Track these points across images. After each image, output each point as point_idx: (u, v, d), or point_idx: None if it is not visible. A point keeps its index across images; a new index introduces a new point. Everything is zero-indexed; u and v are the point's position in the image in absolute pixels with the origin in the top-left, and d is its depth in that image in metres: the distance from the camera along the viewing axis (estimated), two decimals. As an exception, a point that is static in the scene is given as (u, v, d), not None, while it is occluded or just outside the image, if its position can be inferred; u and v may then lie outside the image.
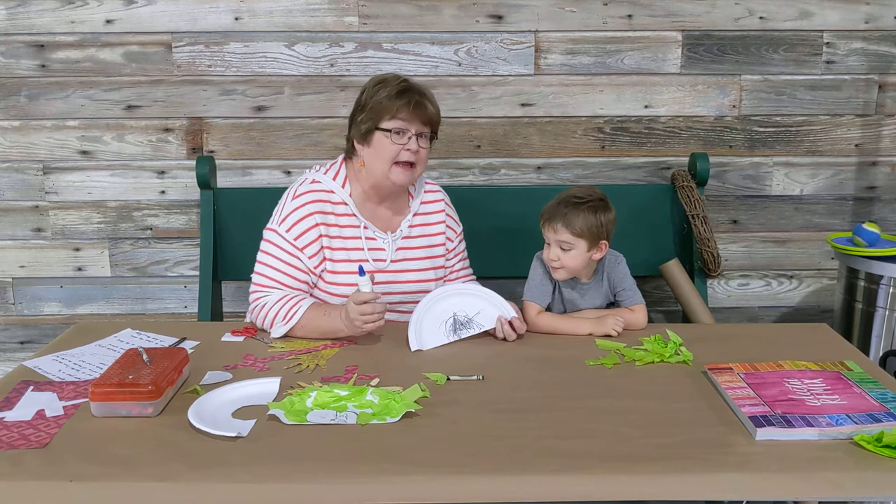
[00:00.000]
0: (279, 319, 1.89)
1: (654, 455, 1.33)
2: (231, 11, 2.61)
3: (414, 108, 1.95)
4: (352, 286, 1.87)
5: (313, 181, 2.03)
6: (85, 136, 2.69)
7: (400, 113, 1.95)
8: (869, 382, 1.56)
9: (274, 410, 1.45)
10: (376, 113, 1.96)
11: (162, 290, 2.82)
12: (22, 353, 2.82)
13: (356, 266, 1.89)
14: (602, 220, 1.94)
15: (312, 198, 1.99)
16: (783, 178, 2.80)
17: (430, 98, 2.00)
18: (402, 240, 2.08)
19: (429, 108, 1.98)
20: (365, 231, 2.03)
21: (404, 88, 1.97)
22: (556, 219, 1.94)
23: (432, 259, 2.12)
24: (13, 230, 2.76)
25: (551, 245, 1.96)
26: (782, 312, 2.92)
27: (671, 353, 1.76)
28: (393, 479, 1.27)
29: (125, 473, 1.27)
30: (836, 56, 2.71)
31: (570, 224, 1.92)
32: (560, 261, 1.95)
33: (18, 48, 2.62)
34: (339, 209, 2.02)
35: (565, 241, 1.94)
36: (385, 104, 1.96)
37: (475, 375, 1.65)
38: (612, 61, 2.68)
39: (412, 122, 1.96)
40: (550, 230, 1.95)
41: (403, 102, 1.94)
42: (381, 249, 2.04)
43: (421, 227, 2.12)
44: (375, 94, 1.98)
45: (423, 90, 2.00)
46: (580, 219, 1.92)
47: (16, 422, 1.44)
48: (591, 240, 1.94)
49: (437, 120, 2.01)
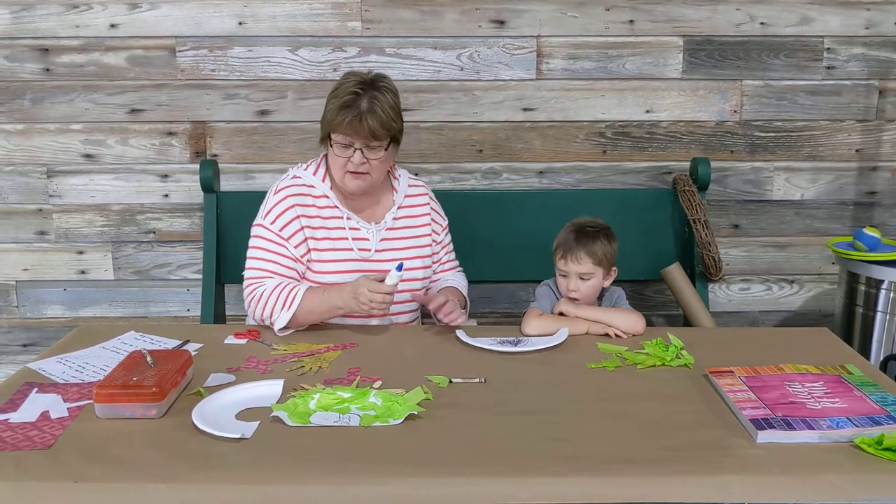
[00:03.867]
0: (279, 306, 1.92)
1: (656, 457, 1.33)
2: (235, 16, 2.62)
3: (355, 124, 1.92)
4: (338, 274, 1.98)
5: (294, 177, 2.09)
6: (88, 140, 2.70)
7: (341, 128, 1.94)
8: (869, 386, 1.57)
9: (277, 412, 1.46)
10: (326, 123, 2.00)
11: (165, 293, 2.83)
12: (25, 355, 2.83)
13: (342, 255, 2.00)
14: (614, 247, 2.00)
15: (292, 192, 2.05)
16: (784, 183, 2.81)
17: (378, 110, 1.93)
18: (386, 230, 2.10)
19: (369, 123, 1.92)
20: (348, 222, 2.06)
21: (349, 102, 1.93)
22: (578, 249, 1.96)
23: (419, 248, 2.14)
24: (17, 233, 2.77)
25: (570, 276, 1.98)
26: (783, 316, 2.92)
27: (672, 356, 1.77)
28: (395, 481, 1.27)
29: (129, 475, 1.28)
30: (837, 61, 2.72)
31: (592, 253, 1.96)
32: (579, 291, 1.97)
33: (23, 52, 2.63)
34: (321, 202, 2.06)
35: (586, 272, 1.96)
36: (329, 117, 1.98)
37: (477, 378, 1.66)
38: (613, 66, 2.69)
39: (355, 137, 1.95)
40: (572, 261, 1.96)
41: (345, 118, 1.93)
42: (365, 239, 2.07)
43: (406, 218, 2.15)
44: (329, 101, 1.99)
45: (374, 100, 1.93)
46: (599, 247, 1.96)
47: (20, 423, 1.45)
48: (606, 267, 1.98)
49: (382, 133, 1.95)
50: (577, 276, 1.97)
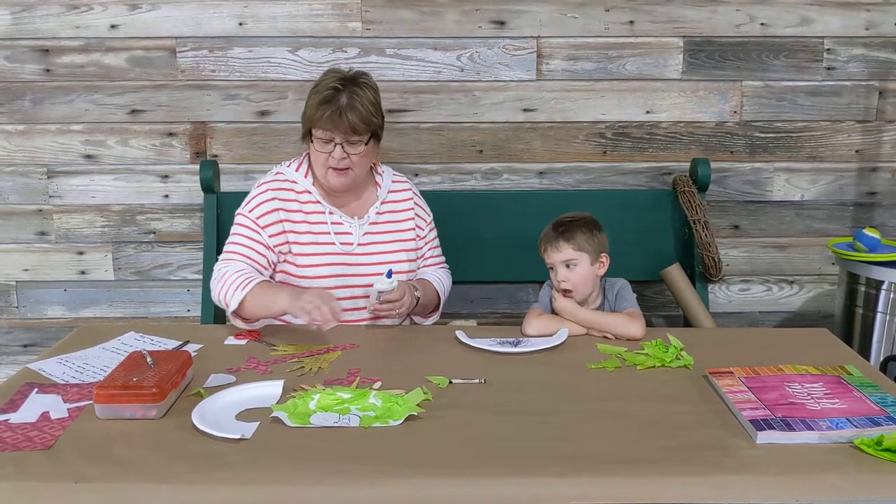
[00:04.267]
0: (234, 286, 1.94)
1: (655, 458, 1.33)
2: (235, 17, 2.62)
3: (335, 118, 1.94)
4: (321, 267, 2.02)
5: (277, 173, 2.13)
6: (89, 141, 2.70)
7: (321, 122, 1.96)
8: (869, 387, 1.57)
9: (277, 413, 1.46)
10: (307, 118, 2.01)
11: (165, 293, 2.83)
12: (25, 356, 2.83)
13: (324, 248, 2.02)
14: (597, 234, 1.99)
15: (274, 186, 2.09)
16: (784, 184, 2.81)
17: (357, 105, 1.95)
18: (369, 225, 2.11)
19: (349, 118, 1.94)
20: (331, 216, 2.08)
21: (328, 98, 1.95)
22: (556, 238, 1.97)
23: (402, 242, 2.14)
24: (17, 233, 2.77)
25: (556, 267, 1.98)
26: (783, 317, 2.92)
27: (672, 357, 1.77)
28: (395, 482, 1.27)
29: (129, 475, 1.28)
30: (837, 62, 2.72)
31: (570, 238, 1.95)
32: (569, 280, 1.96)
33: (23, 53, 2.63)
34: (303, 197, 2.08)
35: (569, 259, 1.95)
36: (309, 112, 1.99)
37: (477, 378, 1.66)
38: (613, 67, 2.70)
39: (335, 132, 1.97)
40: (553, 251, 1.97)
41: (325, 113, 1.94)
42: (348, 234, 2.08)
43: (389, 213, 2.15)
44: (309, 98, 2.01)
45: (353, 95, 1.96)
46: (578, 234, 1.96)
47: (20, 423, 1.45)
48: (592, 254, 1.96)
49: (362, 127, 1.97)
50: (562, 266, 1.96)
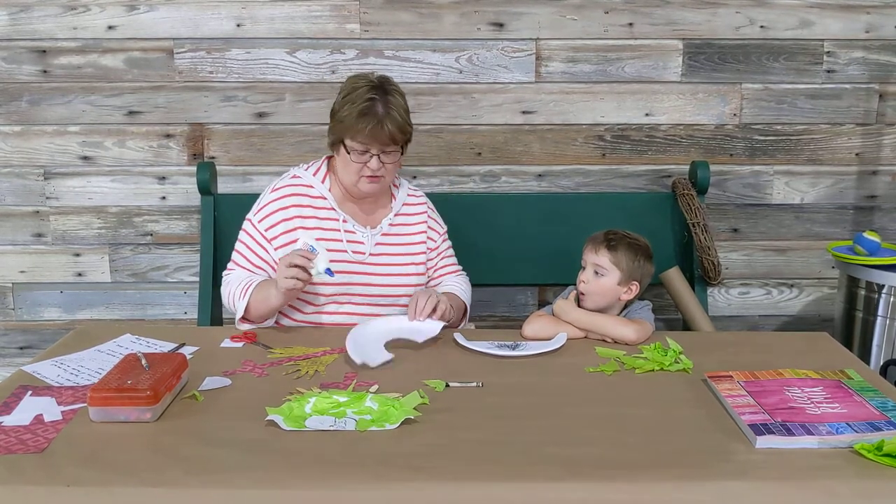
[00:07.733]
0: (238, 296, 1.99)
1: (654, 462, 1.32)
2: (233, 18, 2.62)
3: (377, 131, 1.93)
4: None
5: (294, 176, 2.11)
6: (86, 142, 2.70)
7: (360, 136, 1.95)
8: (869, 391, 1.56)
9: (272, 416, 1.45)
10: (342, 128, 1.98)
11: (162, 295, 2.82)
12: (21, 358, 2.82)
13: (336, 256, 1.99)
14: (641, 262, 1.97)
15: (289, 192, 2.07)
16: (784, 187, 2.80)
17: (395, 115, 1.95)
18: (381, 235, 2.10)
19: (389, 128, 1.94)
20: (344, 224, 2.07)
21: (367, 109, 1.93)
22: (601, 242, 1.97)
23: (412, 255, 2.14)
24: (13, 235, 2.77)
25: (587, 266, 1.98)
26: (783, 321, 2.92)
27: (671, 361, 1.76)
28: (392, 486, 1.26)
29: (123, 479, 1.27)
30: (837, 65, 2.71)
31: (613, 249, 1.95)
32: (589, 284, 1.96)
33: (20, 53, 2.63)
34: (318, 203, 2.07)
35: (601, 266, 1.95)
36: (347, 123, 1.96)
37: (474, 382, 1.65)
38: (612, 69, 2.69)
39: (373, 144, 1.96)
40: (592, 251, 1.97)
41: (365, 125, 1.93)
42: (360, 242, 2.07)
43: (402, 226, 2.15)
44: (342, 107, 1.98)
45: (389, 105, 1.95)
46: (622, 250, 1.95)
47: (14, 426, 1.44)
48: (625, 274, 1.95)
49: (400, 137, 1.98)
50: (591, 269, 1.96)
